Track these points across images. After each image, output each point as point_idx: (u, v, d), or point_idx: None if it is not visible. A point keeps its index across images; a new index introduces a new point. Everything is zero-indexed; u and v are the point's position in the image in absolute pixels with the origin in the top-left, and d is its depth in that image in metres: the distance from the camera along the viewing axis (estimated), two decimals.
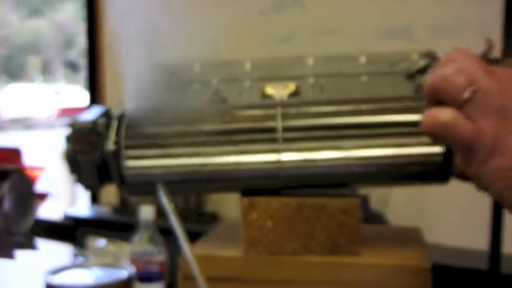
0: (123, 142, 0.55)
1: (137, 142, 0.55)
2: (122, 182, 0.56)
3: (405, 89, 0.58)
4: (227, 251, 0.58)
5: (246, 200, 0.56)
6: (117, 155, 0.55)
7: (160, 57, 0.55)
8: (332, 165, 0.54)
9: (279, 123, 0.55)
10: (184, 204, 1.74)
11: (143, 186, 0.56)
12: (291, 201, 0.56)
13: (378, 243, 0.60)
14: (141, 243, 1.04)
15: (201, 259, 0.51)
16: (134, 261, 1.00)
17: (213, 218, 1.53)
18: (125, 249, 1.38)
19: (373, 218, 1.21)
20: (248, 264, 0.56)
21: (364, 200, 1.24)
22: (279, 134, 0.54)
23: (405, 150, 0.53)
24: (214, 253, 0.58)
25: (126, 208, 1.81)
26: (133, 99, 0.55)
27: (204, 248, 0.59)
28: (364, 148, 0.54)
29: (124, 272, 0.57)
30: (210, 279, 0.51)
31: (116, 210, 1.82)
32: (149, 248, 1.03)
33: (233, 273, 0.57)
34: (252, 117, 0.56)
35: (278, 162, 0.54)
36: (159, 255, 1.03)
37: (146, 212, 1.06)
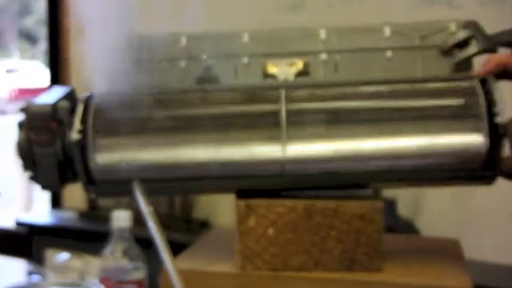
0: (90, 131, 0.56)
1: (108, 131, 0.56)
2: (89, 180, 0.57)
3: (439, 67, 0.58)
4: (219, 266, 0.58)
5: (242, 202, 0.57)
6: (82, 146, 0.55)
7: (137, 29, 0.56)
8: (349, 160, 0.55)
9: (282, 108, 0.55)
10: (168, 209, 1.75)
11: (115, 186, 0.57)
12: (298, 205, 0.56)
13: (406, 257, 0.60)
14: (113, 257, 1.04)
15: (186, 275, 0.52)
16: (105, 280, 1.00)
17: (203, 227, 1.54)
18: (93, 264, 1.39)
19: (401, 226, 1.22)
20: (244, 283, 0.57)
21: (390, 205, 1.25)
22: (283, 121, 0.55)
23: (439, 141, 0.54)
24: (202, 268, 0.58)
25: (95, 213, 1.82)
26: (104, 79, 0.55)
27: (190, 261, 0.60)
28: (389, 138, 0.55)
29: None
30: None
31: (83, 215, 1.84)
32: (124, 263, 1.04)
33: None
34: (250, 100, 0.56)
35: (281, 155, 0.55)
36: (136, 273, 1.03)
37: (120, 218, 1.06)
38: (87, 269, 1.33)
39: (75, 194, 1.80)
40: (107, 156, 0.56)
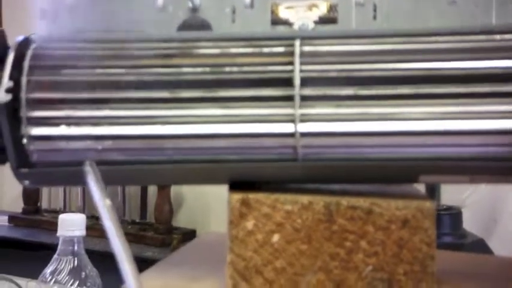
0: (24, 90, 0.56)
1: (51, 93, 0.56)
2: (22, 161, 0.57)
3: None
4: (202, 284, 0.59)
5: (236, 196, 0.57)
6: (13, 113, 0.56)
7: None
8: (389, 143, 0.56)
9: (296, 68, 0.56)
10: (138, 216, 1.77)
11: (59, 170, 0.57)
12: (315, 202, 0.57)
13: (465, 281, 0.61)
14: (57, 280, 1.05)
15: None
16: None
17: (187, 239, 1.55)
18: None
19: (468, 245, 1.22)
20: None
21: (454, 216, 1.26)
22: (297, 86, 0.55)
23: None
24: (179, 286, 0.59)
25: (33, 218, 1.83)
26: (47, 17, 0.56)
27: (163, 277, 0.60)
28: (449, 113, 0.55)
29: None
30: None
31: (15, 221, 1.84)
32: None
33: None
34: (252, 56, 0.57)
35: (293, 133, 0.56)
36: None
37: (69, 224, 1.08)
38: None
39: (6, 188, 1.81)
40: (48, 128, 0.56)
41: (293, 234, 0.57)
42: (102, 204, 0.54)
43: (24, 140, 0.56)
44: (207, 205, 1.75)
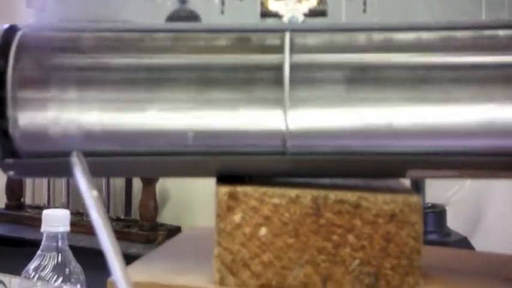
0: (10, 78, 0.56)
1: (37, 80, 0.56)
2: (8, 151, 0.57)
3: None
4: (189, 278, 0.58)
5: (224, 189, 0.57)
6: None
7: None
8: (376, 136, 0.56)
9: (286, 60, 0.56)
10: (123, 212, 1.76)
11: (46, 161, 0.57)
12: (303, 195, 0.57)
13: (450, 277, 0.61)
14: (40, 276, 1.04)
15: None
16: None
17: (172, 235, 1.54)
18: (12, 287, 1.39)
19: (452, 243, 1.22)
20: None
21: (438, 214, 1.26)
22: (286, 78, 0.55)
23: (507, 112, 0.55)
24: (165, 280, 0.58)
25: (16, 214, 1.82)
26: (36, 3, 0.55)
27: (148, 271, 0.60)
28: (435, 106, 0.55)
29: None
30: None
31: None
32: (56, 286, 1.04)
33: None
34: (241, 48, 0.57)
35: (282, 125, 0.56)
36: None
37: (54, 219, 1.07)
38: None
39: None
40: (34, 115, 0.56)
41: (281, 228, 0.57)
42: (89, 195, 0.53)
43: (10, 127, 0.56)
44: (192, 202, 1.75)
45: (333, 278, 0.57)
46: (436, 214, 1.29)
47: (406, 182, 0.63)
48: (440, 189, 1.37)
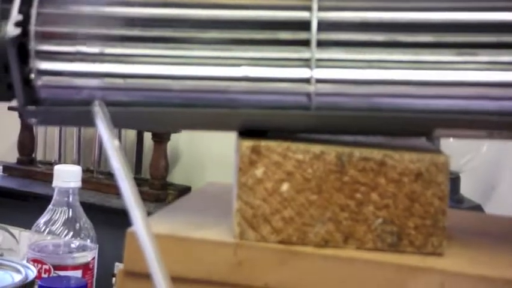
0: (33, 24, 0.55)
1: (60, 27, 0.56)
2: (30, 98, 0.57)
3: None
4: (207, 232, 0.58)
5: (247, 143, 0.56)
6: (21, 47, 0.55)
7: None
8: (405, 93, 0.55)
9: (313, 16, 0.55)
10: (133, 171, 1.76)
11: (67, 110, 0.57)
12: (328, 152, 0.56)
13: (473, 239, 0.61)
14: (51, 230, 1.04)
15: (165, 244, 0.51)
16: (35, 262, 1.01)
17: (182, 195, 1.55)
18: (21, 240, 1.39)
19: (465, 207, 1.23)
20: (242, 258, 0.56)
21: (453, 181, 1.26)
22: (313, 33, 0.55)
23: None
24: (183, 234, 0.58)
25: (27, 169, 1.82)
26: None
27: (165, 225, 0.59)
28: (468, 64, 0.54)
29: (18, 278, 0.57)
30: (177, 281, 0.51)
31: (10, 170, 1.84)
32: (65, 241, 1.04)
33: (219, 272, 0.56)
34: (267, 6, 0.56)
35: (308, 81, 0.55)
36: (83, 254, 1.04)
37: (66, 174, 1.07)
38: (14, 247, 1.34)
39: (0, 138, 1.80)
40: (57, 64, 0.56)
41: (303, 184, 0.56)
42: (111, 145, 0.53)
43: (32, 75, 0.56)
44: (203, 163, 1.75)
45: (355, 236, 0.56)
46: (450, 181, 1.29)
47: None
48: (454, 156, 1.37)
